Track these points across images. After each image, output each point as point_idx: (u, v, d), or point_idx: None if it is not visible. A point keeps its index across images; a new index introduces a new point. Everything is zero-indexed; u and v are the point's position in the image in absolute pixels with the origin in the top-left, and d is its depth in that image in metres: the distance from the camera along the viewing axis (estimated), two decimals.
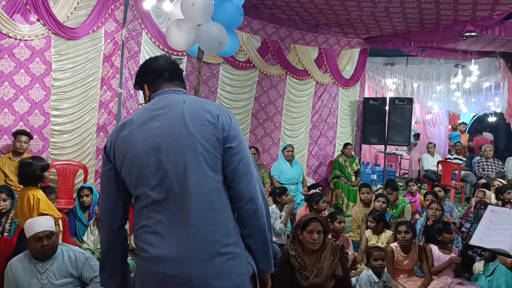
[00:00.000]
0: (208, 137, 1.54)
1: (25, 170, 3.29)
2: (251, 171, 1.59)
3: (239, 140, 1.59)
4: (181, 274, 1.49)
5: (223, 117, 1.59)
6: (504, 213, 2.24)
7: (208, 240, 1.51)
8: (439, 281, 3.54)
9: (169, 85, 1.74)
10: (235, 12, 3.43)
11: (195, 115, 1.57)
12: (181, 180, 1.52)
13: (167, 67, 1.77)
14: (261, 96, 6.82)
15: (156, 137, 1.56)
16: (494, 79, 9.59)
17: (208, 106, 1.62)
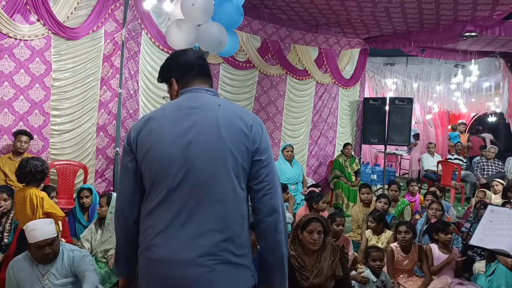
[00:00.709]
0: (239, 147, 1.52)
1: (32, 169, 3.29)
2: (277, 186, 1.60)
3: (268, 153, 1.58)
4: (188, 278, 1.47)
5: (255, 127, 1.56)
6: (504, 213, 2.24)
7: (221, 249, 1.49)
8: (439, 281, 3.54)
9: (200, 82, 1.68)
10: (235, 12, 3.43)
11: (230, 123, 1.54)
12: (203, 185, 1.50)
13: (197, 61, 1.73)
14: (261, 96, 6.82)
15: (186, 137, 1.52)
16: (494, 79, 9.60)
17: (243, 114, 1.59)
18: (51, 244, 2.62)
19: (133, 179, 1.60)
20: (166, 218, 1.50)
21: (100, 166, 5.24)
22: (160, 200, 1.51)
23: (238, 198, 1.53)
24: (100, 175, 5.25)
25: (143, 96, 5.48)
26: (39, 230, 2.63)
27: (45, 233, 2.62)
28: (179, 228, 1.49)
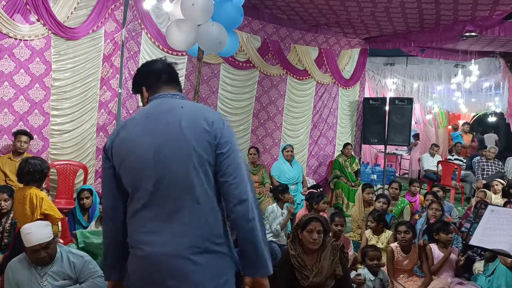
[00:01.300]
0: (203, 145, 1.61)
1: (31, 168, 3.29)
2: (242, 176, 1.64)
3: (229, 146, 1.65)
4: (171, 269, 1.57)
5: (217, 123, 1.65)
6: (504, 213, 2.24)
7: (199, 238, 1.59)
8: (439, 281, 3.54)
9: (167, 88, 1.81)
10: (235, 12, 3.43)
11: (192, 123, 1.64)
12: (178, 186, 1.60)
13: (165, 69, 1.84)
14: (262, 96, 6.82)
15: (156, 141, 1.63)
16: (494, 79, 9.59)
17: (205, 112, 1.69)
18: (46, 248, 2.60)
19: (113, 184, 1.71)
20: (149, 219, 1.61)
21: (100, 166, 5.24)
22: (143, 203, 1.62)
23: (207, 191, 1.62)
24: (100, 175, 5.25)
25: None
26: (34, 234, 2.61)
27: (40, 237, 2.60)
28: (162, 227, 1.60)
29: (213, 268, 1.60)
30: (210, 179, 1.63)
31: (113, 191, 1.72)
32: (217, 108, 6.30)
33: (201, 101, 6.10)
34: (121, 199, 1.72)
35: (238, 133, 6.59)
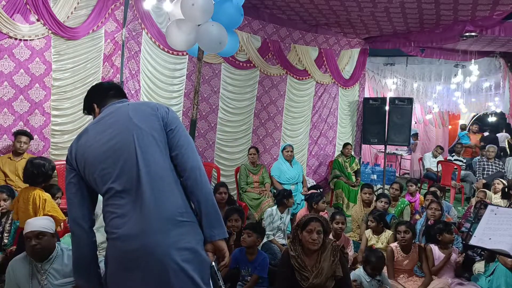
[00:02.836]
0: (152, 126, 1.81)
1: (38, 169, 3.29)
2: (191, 147, 1.84)
3: (176, 124, 1.85)
4: (145, 247, 1.68)
5: (161, 108, 1.87)
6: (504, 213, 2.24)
7: (165, 212, 1.72)
8: (439, 281, 3.54)
9: (115, 100, 1.99)
10: (235, 12, 3.43)
11: (138, 110, 1.85)
12: (135, 165, 1.74)
13: (112, 86, 2.04)
14: (262, 96, 6.82)
15: (109, 136, 1.80)
16: (494, 79, 9.60)
17: (148, 103, 1.91)
18: (38, 237, 2.59)
19: (77, 192, 1.85)
20: (121, 205, 1.74)
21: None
22: (113, 192, 1.76)
23: (164, 166, 1.79)
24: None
25: (145, 95, 5.48)
26: (30, 223, 2.66)
27: (34, 225, 2.63)
28: (131, 208, 1.72)
29: (181, 237, 1.73)
30: (166, 157, 1.80)
31: (77, 199, 1.85)
32: (218, 108, 6.30)
33: (203, 100, 6.11)
34: (86, 206, 1.87)
35: (240, 133, 6.59)
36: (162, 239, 1.68)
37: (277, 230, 4.47)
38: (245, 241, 3.37)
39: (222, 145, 6.43)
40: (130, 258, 1.69)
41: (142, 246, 1.67)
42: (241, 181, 5.73)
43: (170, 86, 5.69)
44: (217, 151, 6.39)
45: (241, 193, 5.68)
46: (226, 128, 6.44)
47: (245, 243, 3.37)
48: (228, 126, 6.46)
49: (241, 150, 6.53)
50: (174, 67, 5.67)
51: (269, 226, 4.39)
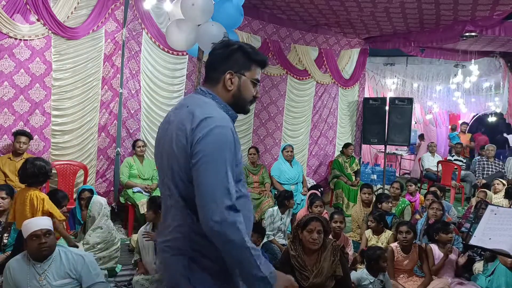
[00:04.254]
0: (181, 152, 1.49)
1: (35, 170, 3.29)
2: (205, 193, 1.41)
3: (200, 157, 1.43)
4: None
5: (198, 130, 1.46)
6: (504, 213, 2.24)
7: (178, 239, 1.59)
8: (439, 281, 3.54)
9: (204, 82, 1.67)
10: (235, 12, 3.43)
11: (179, 126, 1.52)
12: (165, 186, 1.61)
13: (207, 60, 1.66)
14: (263, 96, 6.82)
15: (160, 138, 1.66)
16: (494, 79, 9.60)
17: (195, 115, 1.49)
18: (46, 235, 2.61)
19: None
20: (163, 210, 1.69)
21: (101, 167, 5.24)
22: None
23: (177, 203, 1.58)
24: (101, 175, 5.25)
25: (145, 95, 5.48)
26: (35, 221, 2.68)
27: (41, 224, 2.65)
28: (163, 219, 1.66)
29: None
30: (183, 190, 1.52)
31: None
32: None
33: None
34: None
35: (240, 133, 6.59)
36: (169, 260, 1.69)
37: (277, 230, 4.47)
38: None
39: None
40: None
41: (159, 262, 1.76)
42: None
43: (170, 86, 5.69)
44: None
45: None
46: None
47: None
48: None
49: (242, 150, 6.51)
50: (174, 67, 5.67)
51: (269, 226, 4.40)
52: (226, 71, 1.58)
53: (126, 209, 5.11)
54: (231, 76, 1.59)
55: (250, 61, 1.62)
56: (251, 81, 1.63)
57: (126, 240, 4.73)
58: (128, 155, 5.35)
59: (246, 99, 1.65)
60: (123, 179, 5.10)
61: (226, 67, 1.59)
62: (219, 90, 1.61)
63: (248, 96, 1.65)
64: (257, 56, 1.63)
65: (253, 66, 1.63)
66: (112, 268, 3.77)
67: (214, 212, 1.38)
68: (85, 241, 3.70)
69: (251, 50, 1.62)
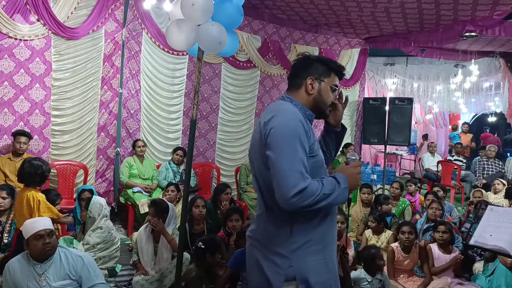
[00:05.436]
0: (258, 145, 1.70)
1: (32, 170, 3.29)
2: (280, 176, 1.56)
3: (271, 146, 1.59)
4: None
5: (269, 124, 1.63)
6: (504, 212, 2.24)
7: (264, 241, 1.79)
8: (439, 281, 3.54)
9: (287, 90, 1.84)
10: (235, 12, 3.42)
11: (257, 124, 1.75)
12: (254, 180, 1.81)
13: (291, 69, 1.85)
14: (263, 96, 6.82)
15: (252, 142, 1.84)
16: (494, 79, 9.60)
17: (269, 112, 1.70)
18: (50, 235, 2.61)
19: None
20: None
21: (101, 167, 5.24)
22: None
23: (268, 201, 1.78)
24: (100, 175, 5.25)
25: (145, 95, 5.49)
26: (38, 221, 2.68)
27: (44, 224, 2.65)
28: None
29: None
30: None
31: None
32: (219, 108, 6.30)
33: (203, 100, 6.11)
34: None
35: (241, 133, 6.59)
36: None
37: None
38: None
39: (223, 145, 6.43)
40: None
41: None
42: (241, 181, 5.73)
43: (171, 86, 5.69)
44: (218, 151, 6.39)
45: (241, 193, 5.68)
46: (227, 128, 6.44)
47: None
48: (229, 126, 6.46)
49: (243, 150, 6.52)
50: (175, 67, 5.67)
51: None
52: (307, 77, 1.77)
53: (126, 209, 5.11)
54: (312, 81, 1.76)
55: (329, 69, 1.80)
56: (330, 86, 1.80)
57: (126, 240, 4.73)
58: (128, 155, 5.36)
59: (326, 103, 1.81)
60: (123, 179, 5.10)
61: (307, 74, 1.77)
62: (300, 94, 1.78)
63: (327, 100, 1.81)
64: (335, 65, 1.82)
65: (331, 73, 1.81)
66: (112, 268, 3.77)
67: (284, 191, 1.54)
68: (85, 241, 3.70)
69: (329, 60, 1.83)
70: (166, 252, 3.62)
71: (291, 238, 1.66)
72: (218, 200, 4.57)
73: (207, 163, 6.21)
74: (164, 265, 3.56)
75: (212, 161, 6.32)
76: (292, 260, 1.65)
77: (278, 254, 1.67)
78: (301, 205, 1.53)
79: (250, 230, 1.86)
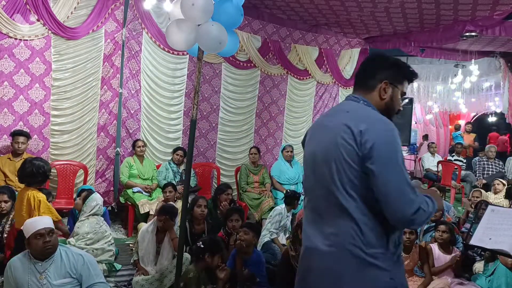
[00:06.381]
0: (348, 153, 1.52)
1: (34, 170, 3.29)
2: (393, 192, 1.49)
3: (379, 159, 1.49)
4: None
5: (369, 133, 1.50)
6: (505, 213, 2.23)
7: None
8: (439, 281, 3.54)
9: (356, 89, 1.75)
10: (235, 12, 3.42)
11: (343, 129, 1.55)
12: (324, 194, 1.59)
13: (361, 68, 1.77)
14: (264, 96, 6.82)
15: (315, 144, 1.67)
16: (494, 79, 9.59)
17: (361, 118, 1.56)
18: (50, 234, 2.62)
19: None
20: (308, 219, 1.75)
21: (101, 167, 5.24)
22: (306, 201, 1.76)
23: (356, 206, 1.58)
24: (100, 175, 5.25)
25: (145, 95, 5.48)
26: (39, 221, 2.69)
27: (45, 223, 2.66)
28: (314, 229, 1.69)
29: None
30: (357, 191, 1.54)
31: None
32: (220, 107, 6.30)
33: (204, 100, 6.11)
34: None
35: (241, 133, 6.59)
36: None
37: (282, 229, 4.49)
38: (243, 238, 3.32)
39: (223, 145, 6.43)
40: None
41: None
42: (242, 181, 5.73)
43: (171, 86, 5.69)
44: (219, 151, 6.39)
45: (241, 193, 5.68)
46: (228, 128, 6.44)
47: (244, 240, 3.32)
48: (230, 126, 6.45)
49: (243, 150, 6.52)
50: (175, 66, 5.67)
51: (276, 224, 4.41)
52: (383, 80, 1.67)
53: (126, 209, 5.11)
54: (386, 86, 1.68)
55: (404, 75, 1.73)
56: (401, 93, 1.73)
57: (126, 240, 4.72)
58: (128, 155, 5.35)
59: (394, 110, 1.76)
60: (123, 179, 5.10)
61: (383, 77, 1.67)
62: (373, 97, 1.69)
63: (397, 106, 1.76)
64: (410, 71, 1.75)
65: (405, 80, 1.73)
66: (109, 262, 3.78)
67: (406, 209, 1.45)
68: (74, 233, 3.73)
69: (405, 65, 1.74)
70: (168, 252, 3.63)
71: (388, 249, 1.55)
72: (218, 200, 4.58)
73: (207, 163, 6.21)
74: (165, 265, 3.57)
75: (213, 161, 6.32)
76: (391, 272, 1.54)
77: (376, 267, 1.52)
78: (419, 222, 1.48)
79: (318, 241, 1.61)
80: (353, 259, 1.52)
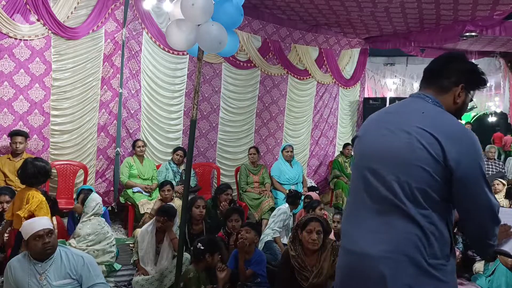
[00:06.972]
0: (425, 159, 1.44)
1: (36, 170, 3.28)
2: (485, 211, 1.49)
3: (471, 173, 1.43)
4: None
5: (459, 143, 1.42)
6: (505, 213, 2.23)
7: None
8: None
9: (422, 88, 1.64)
10: (235, 12, 3.42)
11: (420, 132, 1.46)
12: (382, 196, 1.50)
13: (432, 65, 1.65)
14: (264, 96, 6.82)
15: (376, 141, 1.58)
16: (494, 79, 9.59)
17: (444, 123, 1.48)
18: (49, 234, 2.61)
19: None
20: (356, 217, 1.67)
21: (101, 167, 5.24)
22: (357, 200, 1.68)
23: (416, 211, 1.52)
24: (100, 175, 5.25)
25: (146, 95, 5.48)
26: (37, 222, 2.68)
27: (43, 224, 2.65)
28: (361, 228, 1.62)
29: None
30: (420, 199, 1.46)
31: None
32: (220, 107, 6.31)
33: (204, 100, 6.11)
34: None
35: (242, 133, 6.60)
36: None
37: (285, 228, 4.50)
38: (245, 237, 3.31)
39: (224, 145, 6.43)
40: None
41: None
42: (241, 181, 5.73)
43: (172, 85, 5.69)
44: (219, 151, 6.39)
45: (241, 193, 5.68)
46: (228, 128, 6.44)
47: (246, 239, 3.31)
48: (230, 126, 6.46)
49: (244, 150, 6.51)
50: (175, 66, 5.67)
51: (280, 223, 4.41)
52: (460, 84, 1.57)
53: (126, 209, 5.11)
54: (461, 90, 1.58)
55: (478, 83, 1.62)
56: (470, 100, 1.65)
57: (126, 240, 4.72)
58: (128, 155, 5.35)
59: (461, 116, 1.67)
60: (123, 179, 5.10)
61: (461, 80, 1.57)
62: (447, 100, 1.59)
63: (463, 113, 1.67)
64: (484, 80, 1.64)
65: (477, 87, 1.64)
66: (109, 263, 3.77)
67: (491, 233, 1.48)
68: (75, 234, 3.72)
69: (481, 72, 1.64)
70: (168, 253, 3.63)
71: (449, 261, 1.48)
72: (218, 200, 4.58)
73: (207, 163, 6.21)
74: (165, 265, 3.57)
75: (213, 161, 6.32)
76: (450, 284, 1.48)
77: (437, 278, 1.45)
78: (491, 252, 1.56)
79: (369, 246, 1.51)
80: (411, 267, 1.44)
